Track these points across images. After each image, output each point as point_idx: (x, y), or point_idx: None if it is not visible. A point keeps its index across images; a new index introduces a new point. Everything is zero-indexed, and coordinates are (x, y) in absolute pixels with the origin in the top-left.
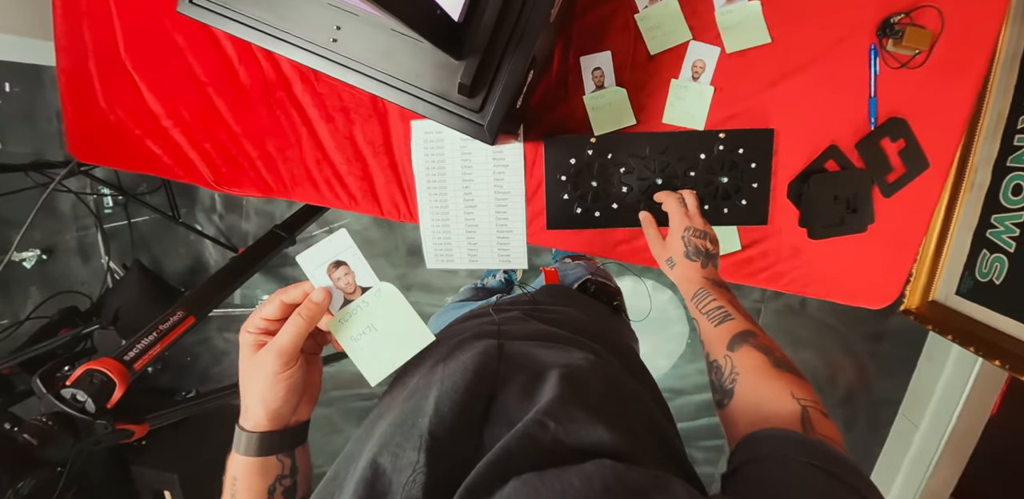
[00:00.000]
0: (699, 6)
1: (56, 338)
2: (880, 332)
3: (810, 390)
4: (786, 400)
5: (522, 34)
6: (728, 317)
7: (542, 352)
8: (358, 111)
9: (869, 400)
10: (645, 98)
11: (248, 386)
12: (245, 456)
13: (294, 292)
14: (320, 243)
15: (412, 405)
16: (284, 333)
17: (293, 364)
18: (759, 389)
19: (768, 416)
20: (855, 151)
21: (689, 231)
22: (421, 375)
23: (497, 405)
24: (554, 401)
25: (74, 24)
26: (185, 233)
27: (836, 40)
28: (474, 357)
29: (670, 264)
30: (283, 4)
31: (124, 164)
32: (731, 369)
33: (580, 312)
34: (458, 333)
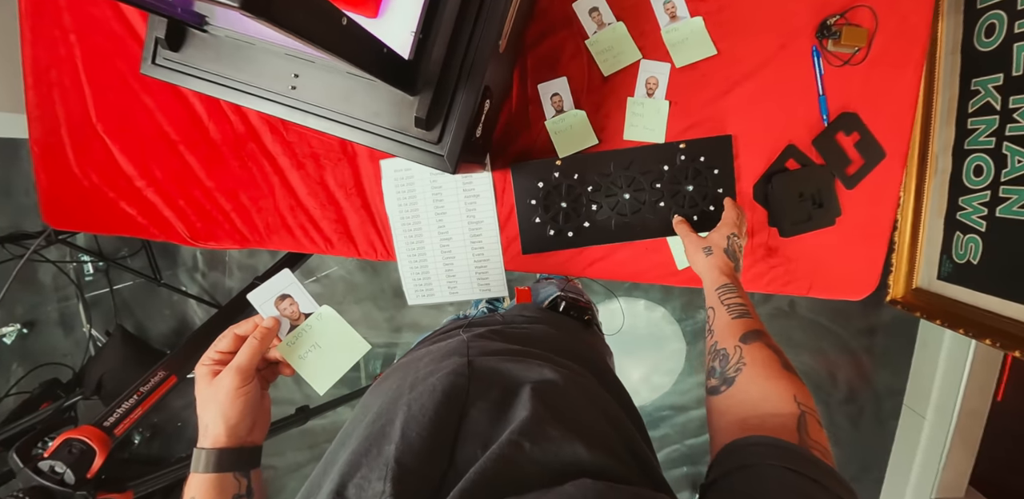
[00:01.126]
0: (645, 27)
1: (37, 413)
2: (872, 326)
3: (810, 397)
4: (787, 401)
5: (471, 66)
6: (747, 314)
7: (512, 367)
8: (328, 156)
9: (872, 395)
10: (604, 118)
11: (207, 407)
12: (204, 473)
13: (246, 325)
14: (267, 282)
15: (377, 430)
16: (241, 354)
17: (250, 381)
18: (763, 384)
19: (764, 413)
20: (812, 148)
21: (735, 236)
22: (387, 399)
23: (468, 422)
24: (527, 420)
25: (45, 94)
26: (168, 295)
27: (779, 46)
28: (443, 378)
29: (707, 252)
30: (242, 57)
31: (99, 228)
32: (739, 358)
33: (551, 328)
34: (425, 355)
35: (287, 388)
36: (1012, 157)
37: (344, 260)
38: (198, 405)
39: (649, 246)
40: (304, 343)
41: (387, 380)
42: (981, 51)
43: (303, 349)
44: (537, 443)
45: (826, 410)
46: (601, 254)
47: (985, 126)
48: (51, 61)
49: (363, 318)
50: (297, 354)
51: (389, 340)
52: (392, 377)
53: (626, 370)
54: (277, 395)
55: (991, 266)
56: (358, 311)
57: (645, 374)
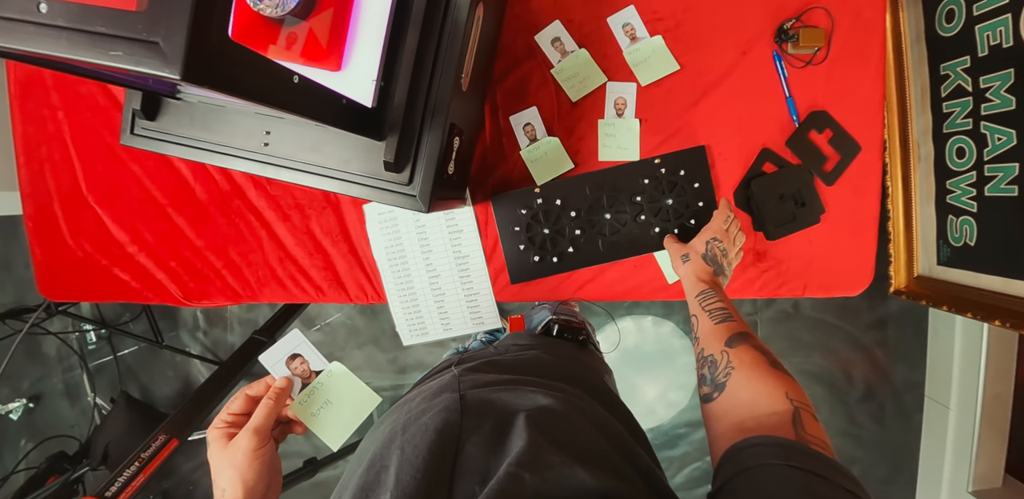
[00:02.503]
0: (607, 50)
1: (44, 488)
2: (881, 319)
3: (803, 393)
4: (779, 398)
5: (434, 107)
6: (730, 318)
7: (506, 396)
8: (312, 206)
9: (891, 390)
10: (577, 142)
11: (224, 471)
12: None
13: (257, 387)
14: (277, 343)
15: (372, 478)
16: (258, 415)
17: (267, 442)
18: (754, 384)
19: (759, 414)
20: (787, 149)
21: (716, 241)
22: (380, 443)
23: (464, 458)
24: (524, 450)
25: (37, 171)
26: (172, 356)
27: (740, 54)
28: (435, 416)
29: (684, 259)
30: (215, 120)
31: (95, 296)
32: (727, 363)
33: (546, 354)
34: (417, 395)
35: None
36: (992, 135)
37: (343, 306)
38: (212, 469)
39: (637, 263)
40: (316, 400)
41: (382, 424)
42: (944, 37)
43: (315, 406)
44: (537, 473)
45: (846, 410)
46: (590, 276)
47: (960, 108)
48: (41, 138)
49: (366, 362)
50: (310, 412)
51: (395, 382)
52: (386, 420)
53: (641, 389)
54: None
55: (988, 246)
56: (361, 356)
57: (660, 391)
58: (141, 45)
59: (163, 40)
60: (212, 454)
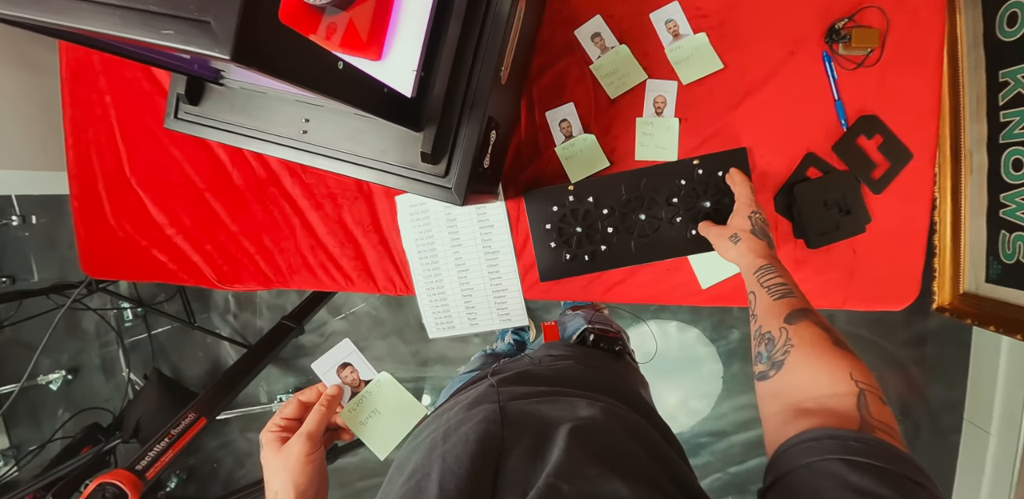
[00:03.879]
0: (648, 48)
1: (79, 457)
2: (920, 335)
3: (869, 374)
4: (843, 379)
5: (473, 99)
6: (790, 294)
7: (545, 408)
8: (345, 195)
9: (926, 410)
10: (614, 140)
11: (277, 474)
12: None
13: (309, 393)
14: (328, 352)
15: (413, 486)
16: (311, 421)
17: (319, 447)
18: (814, 363)
19: (819, 394)
20: (833, 154)
21: (756, 214)
22: (420, 454)
23: (506, 471)
24: (563, 461)
25: (84, 153)
26: (203, 337)
27: (787, 54)
28: (475, 426)
29: (734, 240)
30: (256, 106)
31: (134, 275)
32: (785, 340)
33: (581, 364)
34: (454, 404)
35: None
36: None
37: (369, 296)
38: (265, 471)
39: (670, 266)
40: (365, 409)
41: (420, 433)
42: (1005, 41)
43: (364, 415)
44: (575, 484)
45: None
46: (620, 277)
47: (1020, 118)
48: (88, 121)
49: (389, 353)
50: (358, 420)
51: (416, 374)
52: (424, 430)
53: (662, 395)
54: None
55: None
56: (384, 346)
57: (682, 399)
58: (193, 24)
59: (214, 20)
60: (265, 457)
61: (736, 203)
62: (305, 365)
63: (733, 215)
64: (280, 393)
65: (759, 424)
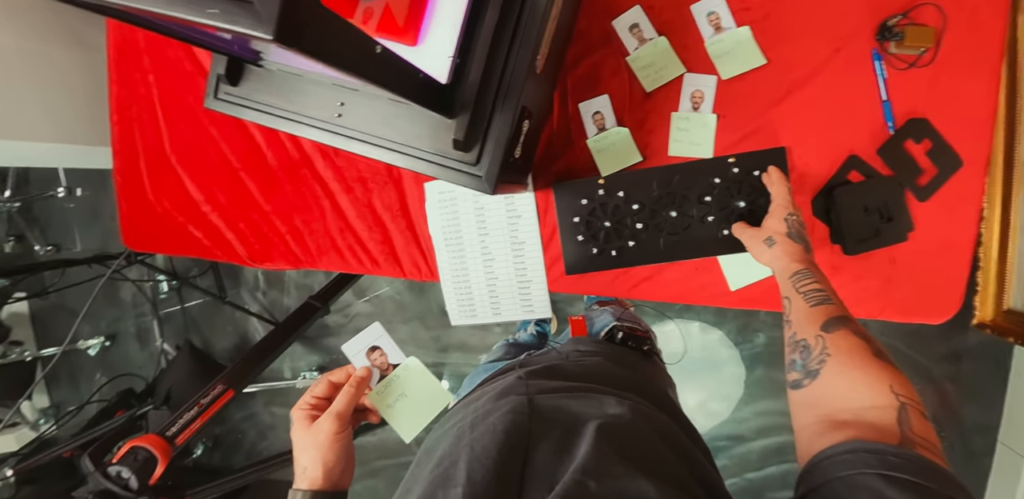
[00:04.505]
0: (688, 40)
1: (113, 420)
2: (957, 351)
3: (910, 387)
4: (883, 391)
5: (508, 88)
6: (828, 300)
7: (573, 404)
8: (375, 180)
9: (959, 430)
10: (647, 134)
11: (306, 451)
12: None
13: (339, 373)
14: (359, 335)
15: (441, 473)
16: (340, 401)
17: (347, 426)
18: (853, 374)
19: (857, 406)
20: (878, 158)
21: (792, 216)
22: (448, 442)
23: (533, 465)
24: (591, 457)
25: (127, 129)
26: (232, 312)
27: (834, 51)
28: (503, 417)
29: (768, 243)
30: (292, 89)
31: (170, 249)
32: (822, 349)
33: (610, 362)
34: (481, 395)
35: None
36: None
37: (393, 280)
38: (295, 448)
39: (699, 265)
40: (392, 392)
41: (447, 422)
42: None
43: (391, 398)
44: (602, 482)
45: None
46: (647, 274)
47: None
48: (132, 99)
49: (411, 337)
50: (386, 403)
51: (436, 360)
52: (451, 418)
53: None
54: None
55: None
56: (406, 330)
57: (701, 401)
58: (237, 4)
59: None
60: (296, 433)
61: (772, 204)
62: (329, 344)
63: (768, 216)
64: (304, 370)
65: (780, 431)
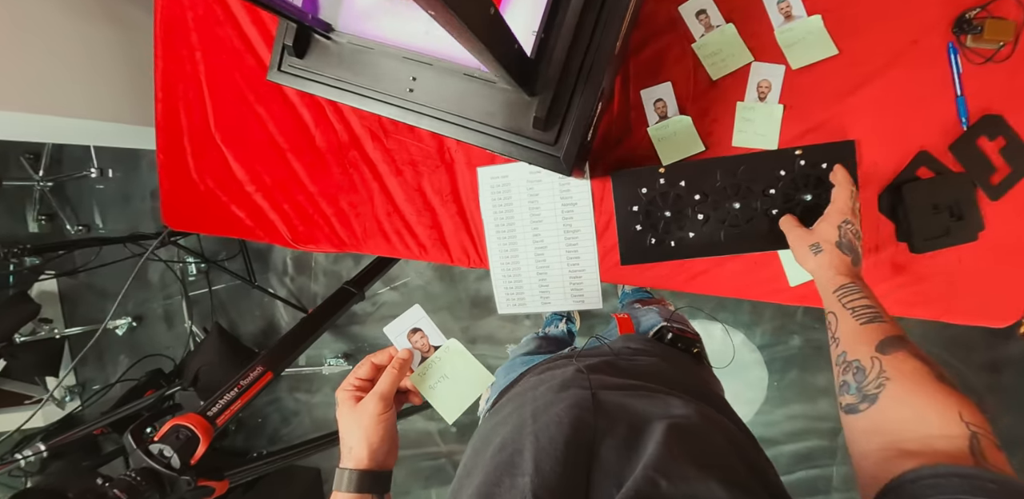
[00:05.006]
0: (757, 28)
1: (142, 399)
2: (998, 361)
3: (980, 415)
4: (952, 419)
5: (591, 67)
6: (879, 318)
7: (638, 403)
8: (426, 163)
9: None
10: (711, 124)
11: (352, 431)
12: (347, 492)
13: (382, 356)
14: (400, 317)
15: (505, 460)
16: (383, 382)
17: (391, 407)
18: (917, 401)
19: (924, 434)
20: (949, 154)
21: (848, 224)
22: (507, 429)
23: (600, 460)
24: (662, 456)
25: (172, 107)
26: (259, 297)
27: (908, 43)
28: (567, 410)
29: (815, 250)
30: (361, 62)
31: (211, 229)
32: (879, 371)
33: (663, 362)
34: (539, 384)
35: None
36: None
37: (423, 270)
38: (340, 428)
39: (758, 260)
40: (434, 374)
41: (502, 410)
42: None
43: (433, 380)
44: (673, 482)
45: None
46: (704, 267)
47: None
48: (178, 77)
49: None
50: (427, 384)
51: None
52: (507, 406)
53: None
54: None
55: None
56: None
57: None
58: None
59: None
60: (341, 413)
61: (830, 206)
62: (355, 332)
63: (821, 220)
64: (329, 357)
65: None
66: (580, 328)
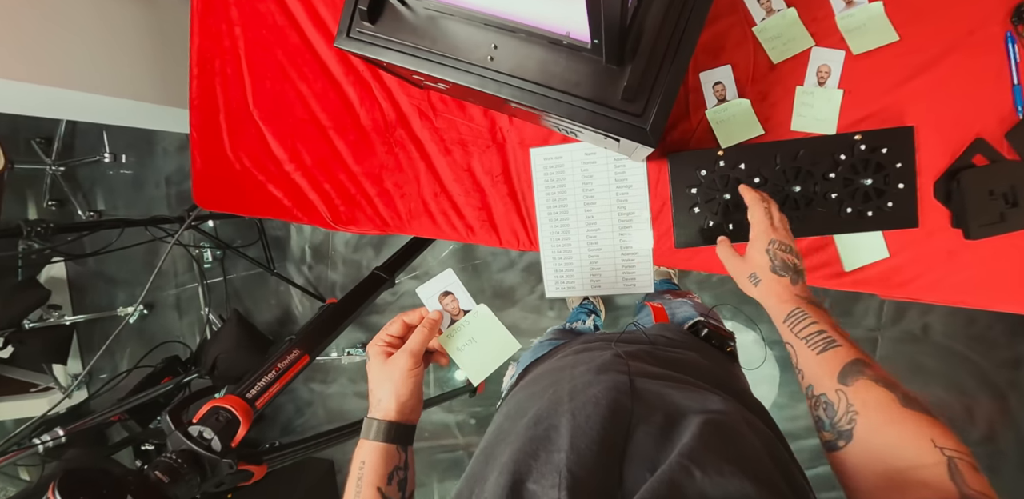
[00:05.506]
0: (818, 13)
1: (159, 386)
2: (1019, 358)
3: (952, 436)
4: (924, 448)
5: (683, 36)
6: (833, 343)
7: (675, 394)
8: (476, 143)
9: (1017, 438)
10: (769, 107)
11: (381, 384)
12: (375, 441)
13: (413, 315)
14: (432, 279)
15: (541, 434)
16: (414, 340)
17: (420, 364)
18: (888, 433)
19: (904, 466)
20: (1005, 142)
21: (774, 244)
22: (543, 401)
23: (634, 444)
24: (697, 447)
25: (208, 84)
26: (275, 285)
27: (967, 32)
28: (605, 392)
29: (754, 281)
30: (439, 29)
31: (246, 209)
32: (847, 406)
33: (701, 357)
34: (577, 363)
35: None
36: None
37: (445, 259)
38: (371, 381)
39: (813, 243)
40: (462, 337)
41: (537, 382)
42: None
43: (461, 342)
44: (708, 474)
45: None
46: None
47: None
48: (216, 52)
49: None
50: (455, 346)
51: None
52: (542, 380)
53: None
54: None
55: None
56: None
57: None
58: None
59: None
60: (372, 367)
61: (751, 229)
62: (373, 322)
63: (750, 246)
64: (347, 347)
65: None
66: (605, 320)
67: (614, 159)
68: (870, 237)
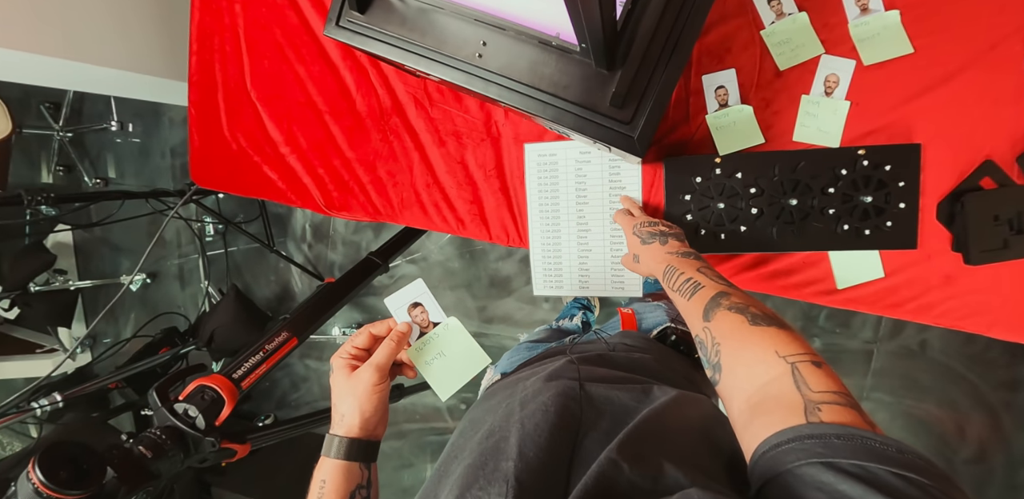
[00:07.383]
0: (830, 19)
1: (157, 356)
2: (1017, 379)
3: (795, 340)
4: (770, 361)
5: (676, 45)
6: (699, 286)
7: (624, 396)
8: (471, 135)
9: (1007, 460)
10: (772, 116)
11: (345, 399)
12: (336, 459)
13: (380, 326)
14: (402, 290)
15: (491, 446)
16: (380, 353)
17: (386, 379)
18: (743, 354)
19: (760, 384)
20: (1016, 166)
21: (637, 226)
22: (497, 415)
23: (582, 451)
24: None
25: (207, 61)
26: (275, 262)
27: (987, 48)
28: (554, 398)
29: (636, 261)
30: (428, 22)
31: (241, 189)
32: (712, 340)
33: (655, 363)
34: (530, 375)
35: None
36: None
37: (444, 245)
38: (334, 395)
39: (807, 259)
40: (431, 350)
41: (493, 397)
42: None
43: (429, 355)
44: (636, 466)
45: (949, 467)
46: (752, 262)
47: None
48: (216, 29)
49: (456, 305)
50: (424, 360)
51: (479, 330)
52: (498, 394)
53: None
54: None
55: None
56: (452, 297)
57: None
58: None
59: None
60: (336, 381)
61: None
62: (370, 303)
63: (627, 243)
64: (343, 326)
65: None
66: (599, 315)
67: (609, 160)
68: (866, 256)
